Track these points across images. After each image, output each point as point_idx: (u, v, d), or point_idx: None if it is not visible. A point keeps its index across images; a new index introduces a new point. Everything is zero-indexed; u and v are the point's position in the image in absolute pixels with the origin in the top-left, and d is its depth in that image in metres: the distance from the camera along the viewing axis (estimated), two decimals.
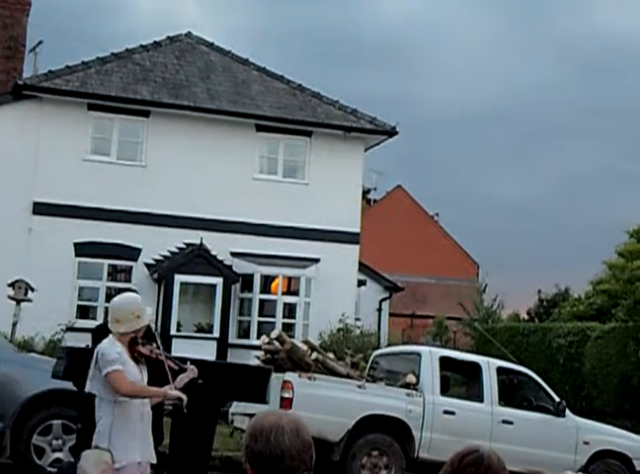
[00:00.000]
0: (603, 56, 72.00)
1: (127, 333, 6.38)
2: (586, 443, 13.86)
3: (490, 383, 13.52)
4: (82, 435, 9.24)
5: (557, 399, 14.07)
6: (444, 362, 13.69)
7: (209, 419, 7.74)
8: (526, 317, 37.71)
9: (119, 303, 6.55)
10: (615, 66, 72.84)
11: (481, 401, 13.45)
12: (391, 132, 24.34)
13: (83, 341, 19.96)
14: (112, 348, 6.33)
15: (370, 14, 73.74)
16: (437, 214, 50.32)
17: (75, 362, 7.43)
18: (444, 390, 13.77)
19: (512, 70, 73.96)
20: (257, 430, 3.03)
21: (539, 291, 39.38)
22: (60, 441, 11.44)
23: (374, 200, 49.70)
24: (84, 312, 21.89)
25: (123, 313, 6.41)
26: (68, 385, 11.41)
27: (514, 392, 14.66)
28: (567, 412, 14.03)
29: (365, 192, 45.26)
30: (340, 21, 76.33)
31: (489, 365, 13.78)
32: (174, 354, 21.36)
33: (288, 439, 2.96)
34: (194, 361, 7.46)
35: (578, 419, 14.41)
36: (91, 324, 21.02)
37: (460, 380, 16.09)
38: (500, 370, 13.96)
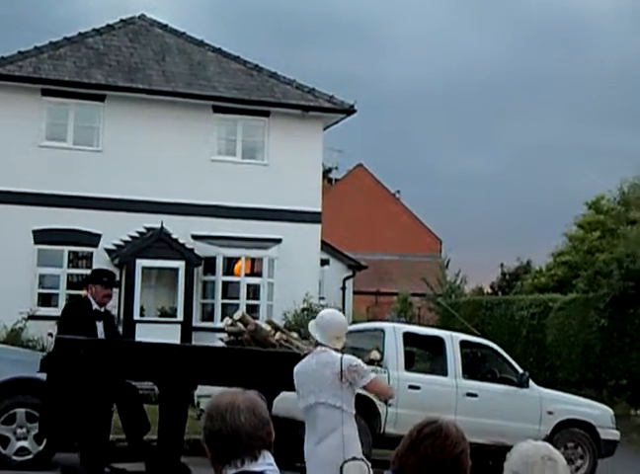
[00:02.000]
0: (557, 27, 72.42)
1: (339, 349, 6.49)
2: (550, 413, 14.01)
3: (454, 357, 13.61)
4: (44, 424, 9.19)
5: (520, 370, 14.19)
6: (408, 338, 13.75)
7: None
8: (490, 291, 38.03)
9: (341, 321, 6.65)
10: (568, 36, 73.30)
11: (445, 375, 13.54)
12: (349, 111, 24.30)
13: (45, 329, 19.90)
14: (353, 357, 6.53)
15: None
16: (398, 192, 50.47)
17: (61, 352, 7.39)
18: (409, 365, 13.84)
19: (468, 44, 74.16)
20: (213, 409, 3.03)
21: (502, 265, 39.75)
22: (25, 430, 11.35)
23: (336, 179, 49.72)
24: (45, 300, 21.71)
25: (344, 331, 6.56)
26: (31, 374, 11.34)
27: (477, 365, 14.76)
28: (530, 383, 14.16)
29: (326, 171, 45.27)
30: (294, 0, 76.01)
31: (452, 340, 13.86)
32: (138, 339, 21.25)
33: (244, 417, 2.96)
34: (245, 352, 7.48)
35: (541, 389, 14.55)
36: (52, 312, 20.94)
37: (425, 355, 16.19)
38: (463, 344, 14.04)
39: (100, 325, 9.48)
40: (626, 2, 67.11)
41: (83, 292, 9.86)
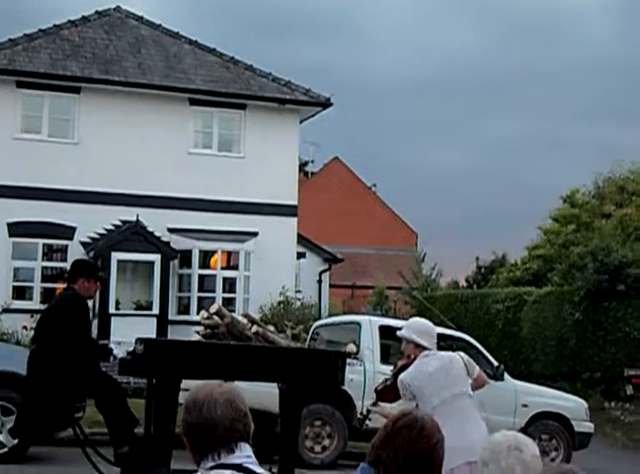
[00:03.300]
0: (533, 22, 72.72)
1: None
2: (524, 406, 14.10)
3: None
4: (21, 418, 9.11)
5: (496, 363, 14.26)
6: (384, 331, 13.76)
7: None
8: (465, 284, 38.17)
9: (430, 325, 7.20)
10: (544, 32, 73.61)
11: None
12: (326, 104, 24.31)
13: (19, 322, 19.78)
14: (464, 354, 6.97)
15: None
16: (374, 185, 50.57)
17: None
18: (385, 358, 13.87)
19: (445, 39, 74.31)
20: (190, 402, 3.04)
21: (477, 258, 39.88)
22: (0, 423, 11.29)
23: (312, 173, 49.71)
24: (20, 293, 21.59)
25: (432, 333, 7.03)
26: (5, 367, 11.29)
27: None
28: (505, 376, 14.24)
29: (303, 164, 45.20)
30: None
31: None
32: (113, 333, 21.15)
33: (221, 410, 2.97)
34: (270, 349, 7.49)
35: (516, 382, 14.64)
36: (27, 305, 20.86)
37: (400, 348, 16.20)
38: (439, 337, 13.95)
39: None
40: None
41: (60, 285, 9.37)
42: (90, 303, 21.31)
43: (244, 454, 3.01)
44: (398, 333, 7.15)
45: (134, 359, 6.85)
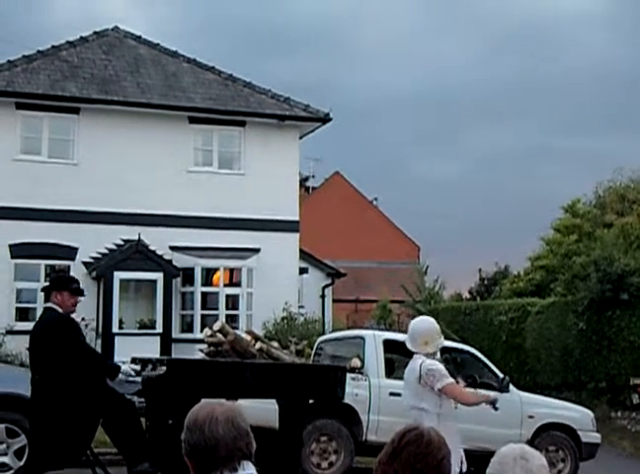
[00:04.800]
0: (526, 34, 72.87)
1: (433, 352, 6.65)
2: (530, 417, 14.03)
3: None
4: (35, 454, 8.94)
5: (501, 375, 14.20)
6: (388, 345, 13.72)
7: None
8: (468, 296, 38.12)
9: (426, 326, 6.75)
10: (538, 44, 73.75)
11: None
12: (325, 119, 24.34)
13: (23, 344, 19.71)
14: (438, 364, 6.63)
15: (296, 1, 73.67)
16: (375, 199, 50.62)
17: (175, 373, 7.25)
18: (390, 372, 13.81)
19: (439, 52, 74.50)
20: (192, 422, 3.02)
21: (480, 270, 39.86)
22: (5, 445, 11.23)
23: (313, 188, 49.77)
24: (23, 314, 21.55)
25: (431, 334, 6.66)
26: (9, 389, 11.24)
27: (458, 370, 14.71)
28: (511, 387, 14.16)
29: (303, 179, 45.32)
30: (266, 9, 76.12)
31: None
32: (117, 352, 21.11)
33: (222, 429, 2.96)
34: (274, 365, 7.49)
35: (522, 393, 14.58)
36: (30, 326, 20.68)
37: (405, 362, 16.13)
38: (443, 350, 13.95)
39: None
40: (597, 9, 67.70)
41: (45, 305, 8.90)
42: (93, 323, 21.22)
43: (247, 473, 2.99)
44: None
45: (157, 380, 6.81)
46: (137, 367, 8.36)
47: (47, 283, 8.86)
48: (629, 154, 62.11)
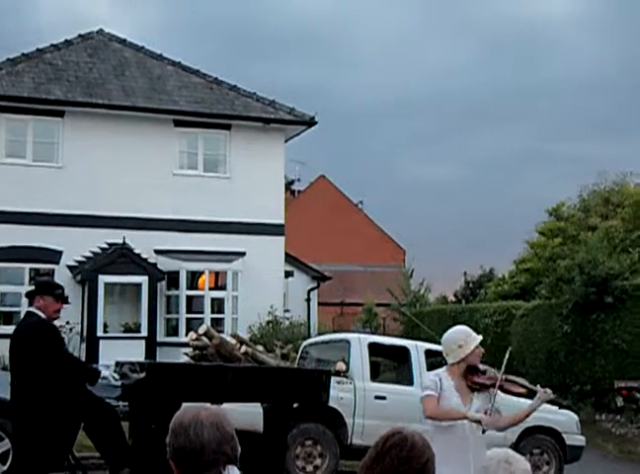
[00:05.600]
0: (518, 39, 73.15)
1: (456, 363, 6.55)
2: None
3: (419, 366, 13.60)
4: (18, 461, 8.87)
5: None
6: (373, 348, 13.74)
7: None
8: (454, 299, 38.22)
9: (445, 337, 6.77)
10: (529, 48, 74.04)
11: (411, 384, 13.52)
12: (310, 122, 24.36)
13: (6, 347, 19.59)
14: (432, 375, 6.60)
15: (285, 2, 73.70)
16: (361, 202, 50.64)
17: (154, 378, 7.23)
18: (375, 376, 13.83)
19: (428, 56, 74.66)
20: (177, 425, 3.02)
21: (465, 273, 40.00)
22: None
23: (298, 191, 49.75)
24: (7, 318, 21.46)
25: (448, 345, 6.64)
26: None
27: None
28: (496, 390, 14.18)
29: (289, 183, 45.31)
30: (252, 11, 76.11)
31: (417, 349, 13.86)
32: (101, 356, 21.02)
33: (207, 433, 2.95)
34: (257, 369, 7.40)
35: (507, 397, 14.58)
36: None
37: (390, 365, 16.20)
38: (428, 353, 14.04)
39: None
40: (588, 15, 68.02)
41: (27, 309, 8.76)
42: (77, 327, 21.12)
43: None
44: None
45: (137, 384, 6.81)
46: (116, 376, 8.29)
47: (32, 288, 8.79)
48: (614, 158, 62.40)
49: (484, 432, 6.37)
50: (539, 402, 6.85)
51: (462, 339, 6.67)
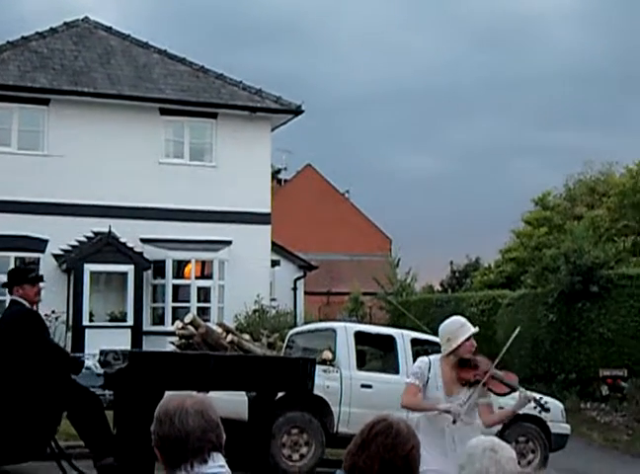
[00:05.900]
0: (502, 30, 73.19)
1: (447, 355, 6.54)
2: (501, 409, 14.09)
3: (405, 355, 13.62)
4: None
5: None
6: (360, 337, 13.75)
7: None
8: (440, 288, 38.31)
9: (440, 328, 6.70)
10: (513, 39, 74.11)
11: (397, 373, 13.54)
12: (297, 111, 24.31)
13: None
14: (423, 360, 6.58)
15: None
16: (347, 192, 50.62)
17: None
18: (361, 364, 13.85)
19: (415, 47, 74.61)
20: (162, 413, 3.01)
21: (451, 263, 40.12)
22: None
23: (285, 180, 49.70)
24: None
25: (440, 337, 6.63)
26: None
27: None
28: None
29: (276, 172, 45.23)
30: (239, 1, 75.89)
31: (403, 337, 13.89)
32: (87, 345, 20.96)
33: (192, 420, 2.95)
34: (240, 357, 7.34)
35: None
36: None
37: (376, 354, 16.23)
38: (414, 342, 14.08)
39: None
40: (569, 7, 68.07)
41: (10, 297, 8.73)
42: (63, 316, 21.06)
43: (217, 464, 2.99)
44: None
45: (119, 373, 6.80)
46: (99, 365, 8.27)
47: (7, 278, 8.68)
48: (600, 149, 62.58)
49: (454, 422, 6.38)
50: (519, 407, 6.88)
51: (452, 332, 6.66)
